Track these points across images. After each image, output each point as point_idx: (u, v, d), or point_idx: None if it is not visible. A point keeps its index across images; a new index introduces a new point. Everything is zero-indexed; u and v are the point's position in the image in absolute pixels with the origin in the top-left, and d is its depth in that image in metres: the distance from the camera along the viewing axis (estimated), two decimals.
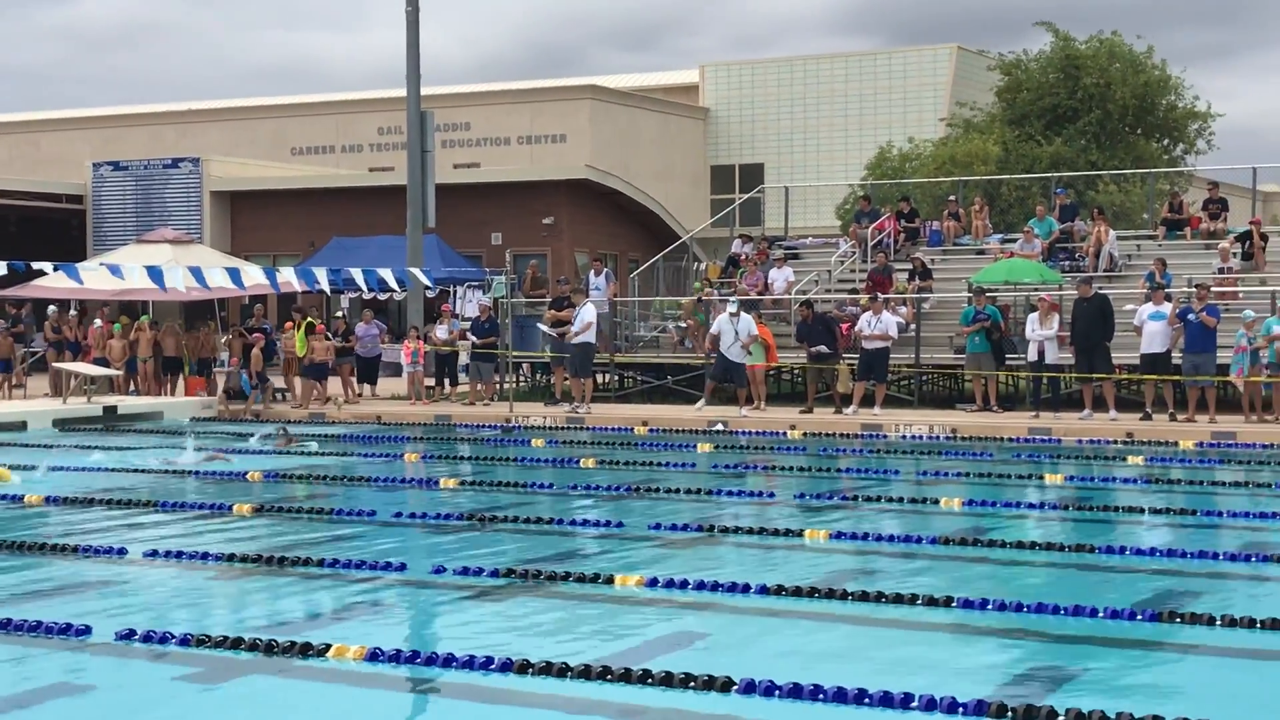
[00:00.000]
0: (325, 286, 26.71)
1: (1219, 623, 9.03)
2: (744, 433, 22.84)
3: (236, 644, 8.61)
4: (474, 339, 27.74)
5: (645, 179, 50.28)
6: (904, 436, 22.45)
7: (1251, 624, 8.96)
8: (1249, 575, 10.96)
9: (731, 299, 25.49)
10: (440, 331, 28.44)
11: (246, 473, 17.63)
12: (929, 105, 56.90)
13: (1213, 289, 24.33)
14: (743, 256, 31.69)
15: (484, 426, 24.44)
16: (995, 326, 24.69)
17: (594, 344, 26.11)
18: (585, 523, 13.39)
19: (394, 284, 28.30)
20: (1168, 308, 23.05)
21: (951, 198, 33.75)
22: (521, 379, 30.48)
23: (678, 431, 23.05)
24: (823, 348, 25.23)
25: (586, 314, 25.60)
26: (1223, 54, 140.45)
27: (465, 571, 10.97)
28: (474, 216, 41.16)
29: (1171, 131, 44.93)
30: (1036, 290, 25.89)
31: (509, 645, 8.55)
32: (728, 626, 9.46)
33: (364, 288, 29.08)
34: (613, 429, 23.78)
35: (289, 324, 28.71)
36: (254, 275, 26.57)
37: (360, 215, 41.71)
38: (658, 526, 13.20)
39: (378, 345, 29.52)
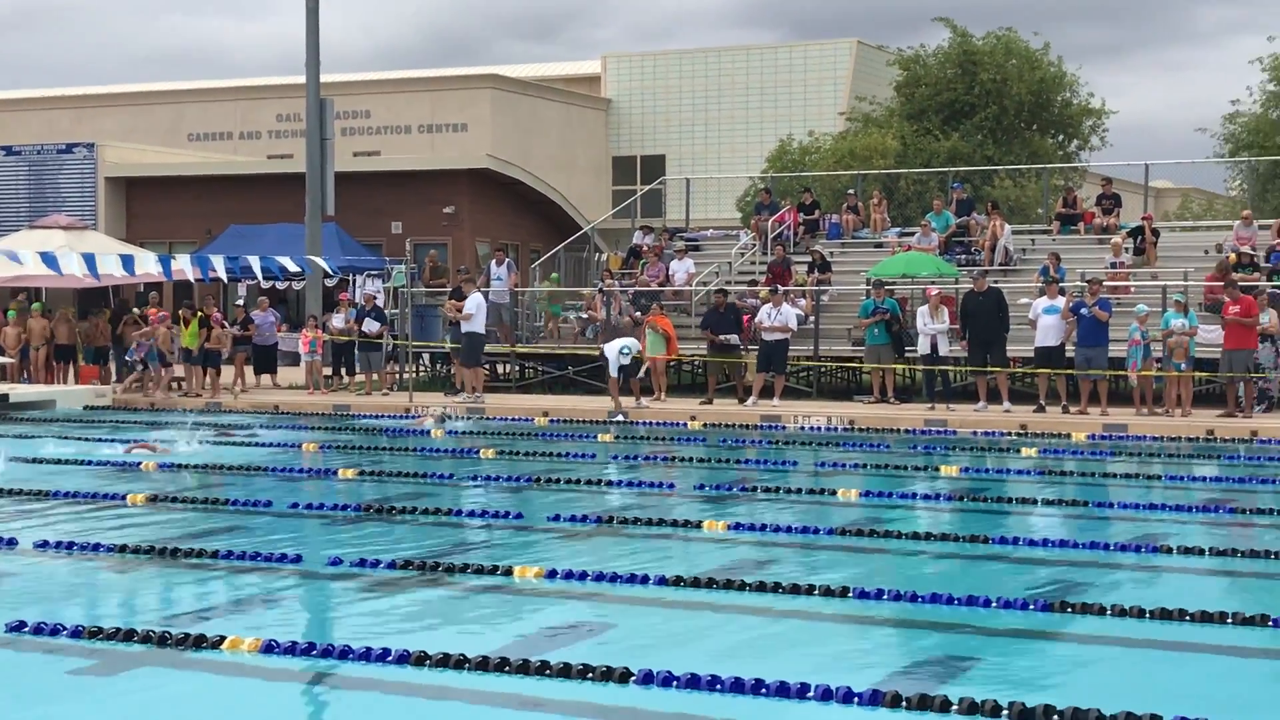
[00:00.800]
0: (221, 275, 26.38)
1: (1109, 613, 9.18)
2: (644, 423, 22.89)
3: (129, 636, 8.51)
4: (373, 328, 27.47)
5: (547, 169, 50.16)
6: (802, 428, 22.61)
7: (1141, 614, 9.11)
8: (1139, 566, 11.15)
9: (625, 342, 25.05)
10: (337, 320, 28.22)
11: (140, 463, 17.42)
12: (829, 99, 57.22)
13: (1105, 283, 24.74)
14: (644, 248, 31.76)
15: (387, 416, 24.27)
16: (895, 319, 24.94)
17: (482, 333, 26.01)
18: (484, 514, 13.35)
19: (295, 270, 28.05)
20: (1062, 301, 23.40)
21: (850, 191, 34.02)
22: (422, 369, 30.33)
23: (578, 422, 23.05)
24: (733, 337, 25.34)
25: (470, 303, 25.63)
26: (1115, 51, 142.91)
27: (362, 563, 10.90)
28: (374, 205, 40.88)
29: (1066, 128, 45.53)
30: (934, 283, 26.18)
31: (406, 637, 8.51)
32: (627, 617, 9.48)
33: (260, 276, 28.79)
34: (513, 419, 23.72)
35: (151, 311, 28.16)
36: (148, 263, 26.21)
37: (258, 203, 41.25)
38: (557, 518, 13.19)
39: (275, 333, 29.25)
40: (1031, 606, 9.38)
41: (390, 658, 8.04)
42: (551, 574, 10.44)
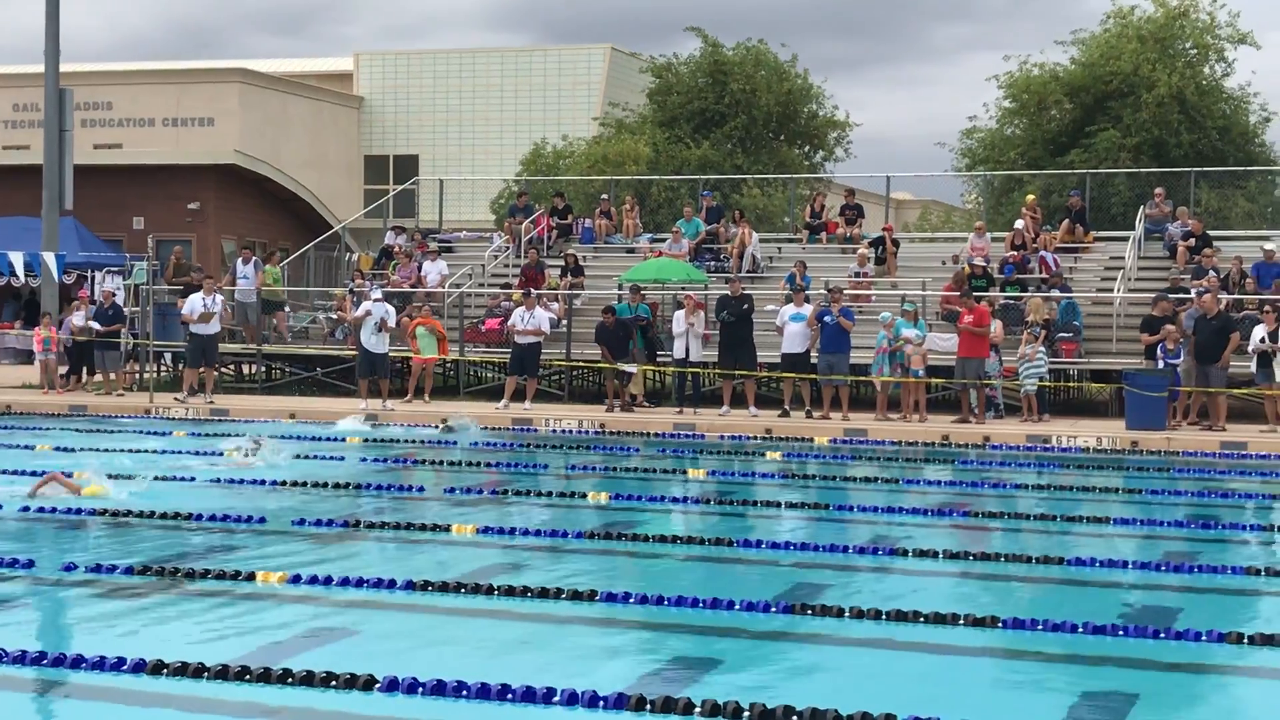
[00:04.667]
0: None
1: (847, 614, 9.42)
2: (395, 426, 22.68)
3: None
4: (97, 326, 26.72)
5: (296, 167, 49.35)
6: (554, 431, 22.68)
7: (877, 615, 9.37)
8: (876, 568, 11.46)
9: (376, 286, 25.48)
10: (76, 318, 27.29)
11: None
12: (583, 104, 57.51)
13: (846, 292, 25.40)
14: (396, 248, 31.47)
15: (126, 416, 23.55)
16: (650, 325, 25.23)
17: (214, 334, 25.54)
18: (226, 518, 13.05)
19: (20, 270, 27.17)
20: (808, 309, 23.94)
21: (604, 196, 34.25)
22: (163, 369, 29.53)
23: (327, 424, 22.70)
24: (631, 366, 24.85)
25: (187, 305, 25.42)
26: (856, 66, 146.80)
27: (98, 569, 10.56)
28: (115, 199, 39.70)
29: (812, 139, 46.54)
30: (684, 289, 26.53)
31: (142, 645, 8.28)
32: (372, 623, 9.38)
33: None
34: (260, 421, 23.24)
35: None
36: None
37: None
38: (302, 522, 12.98)
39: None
40: (774, 609, 9.56)
41: (125, 666, 7.81)
42: (295, 579, 10.27)
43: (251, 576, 10.31)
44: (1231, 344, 22.29)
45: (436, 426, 22.31)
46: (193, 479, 15.94)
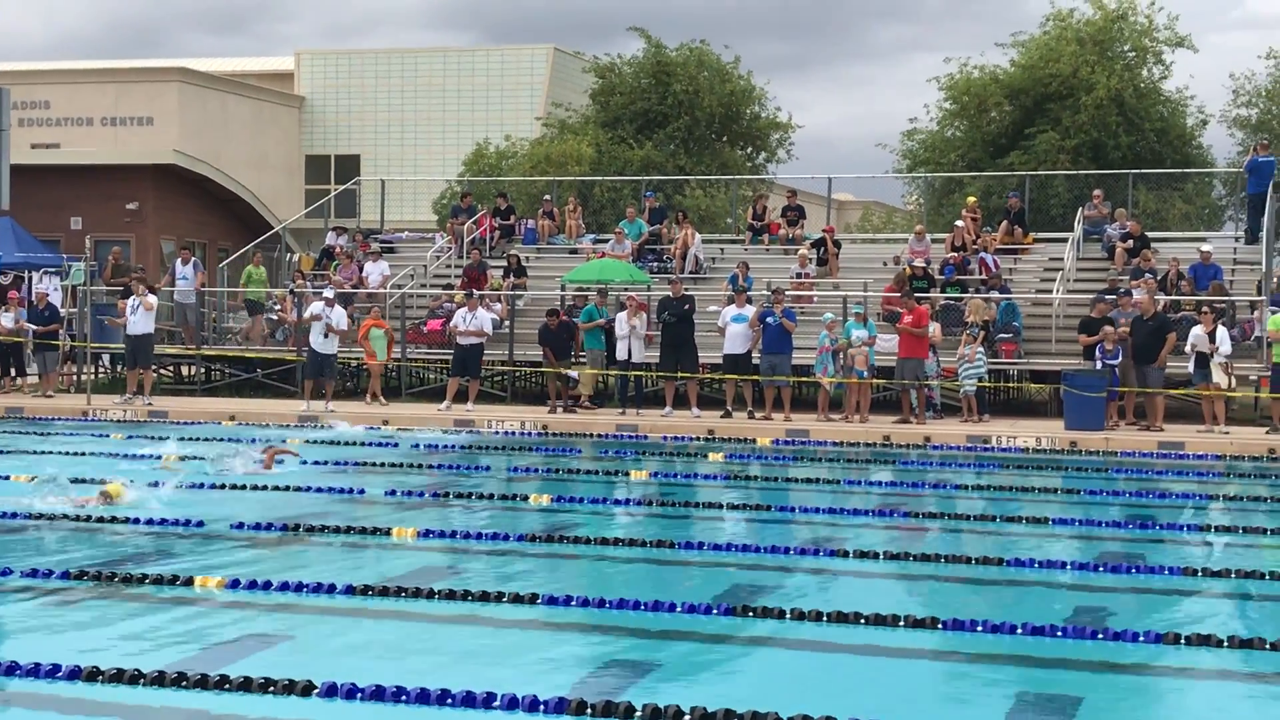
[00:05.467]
0: None
1: (789, 616, 9.43)
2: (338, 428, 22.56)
3: None
4: (33, 328, 26.47)
5: (237, 166, 49.00)
6: (496, 433, 22.61)
7: (818, 617, 9.39)
8: (817, 569, 11.48)
9: (328, 288, 25.53)
10: (6, 320, 26.99)
11: None
12: (525, 104, 57.36)
13: (788, 293, 25.46)
14: (337, 248, 31.32)
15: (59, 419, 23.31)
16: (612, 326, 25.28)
17: (145, 335, 25.35)
18: (164, 521, 12.93)
19: None
20: (750, 310, 23.98)
21: (547, 197, 34.20)
22: (101, 370, 29.27)
23: (266, 426, 22.56)
24: (571, 372, 24.77)
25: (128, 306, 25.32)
26: (796, 66, 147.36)
27: (34, 574, 10.44)
28: (53, 199, 39.27)
29: (755, 140, 46.60)
30: (626, 290, 26.53)
31: (79, 651, 8.18)
32: (311, 628, 9.32)
33: None
34: (198, 423, 23.08)
35: None
36: None
37: None
38: (241, 525, 12.88)
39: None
40: (715, 610, 9.56)
41: (60, 673, 7.72)
42: (234, 584, 10.18)
43: (190, 582, 10.23)
44: (1168, 344, 22.51)
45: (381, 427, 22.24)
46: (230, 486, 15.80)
